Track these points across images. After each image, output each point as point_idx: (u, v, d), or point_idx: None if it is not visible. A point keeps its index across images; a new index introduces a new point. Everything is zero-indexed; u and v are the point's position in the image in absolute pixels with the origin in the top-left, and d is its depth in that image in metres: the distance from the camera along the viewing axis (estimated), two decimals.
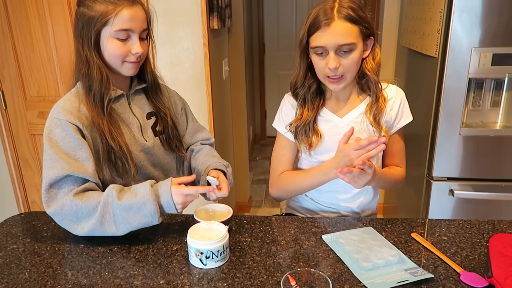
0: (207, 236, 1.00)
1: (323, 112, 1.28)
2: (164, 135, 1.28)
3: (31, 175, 2.39)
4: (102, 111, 1.13)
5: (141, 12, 1.12)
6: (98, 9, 1.07)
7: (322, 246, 1.06)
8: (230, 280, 0.92)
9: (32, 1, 2.06)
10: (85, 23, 1.09)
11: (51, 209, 1.06)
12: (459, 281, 0.90)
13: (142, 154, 1.22)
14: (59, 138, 1.08)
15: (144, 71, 1.24)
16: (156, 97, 1.28)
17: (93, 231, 1.05)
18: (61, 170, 1.05)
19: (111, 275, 0.95)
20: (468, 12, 1.77)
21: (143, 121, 1.25)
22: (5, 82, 2.21)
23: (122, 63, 1.14)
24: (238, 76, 2.94)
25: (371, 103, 1.24)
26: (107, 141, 1.12)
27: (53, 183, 1.06)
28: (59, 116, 1.10)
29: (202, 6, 2.00)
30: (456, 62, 1.84)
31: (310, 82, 1.25)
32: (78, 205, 1.05)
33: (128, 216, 1.04)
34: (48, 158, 1.08)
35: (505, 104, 1.95)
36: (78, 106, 1.12)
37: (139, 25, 1.11)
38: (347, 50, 1.13)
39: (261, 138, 4.88)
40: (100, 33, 1.10)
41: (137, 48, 1.12)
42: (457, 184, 2.01)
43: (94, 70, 1.11)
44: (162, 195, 1.05)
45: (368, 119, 1.24)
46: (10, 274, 0.97)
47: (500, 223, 1.16)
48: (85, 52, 1.11)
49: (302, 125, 1.26)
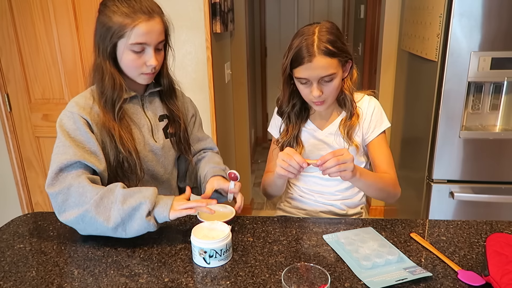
0: (211, 235, 1.02)
1: (307, 124, 1.39)
2: (176, 137, 1.31)
3: (35, 177, 2.42)
4: (113, 116, 1.16)
5: (158, 26, 1.13)
6: (116, 20, 1.09)
7: (323, 246, 1.08)
8: (233, 278, 0.94)
9: (38, 5, 2.09)
10: (102, 33, 1.12)
11: (56, 188, 1.05)
12: (457, 279, 0.92)
13: (150, 154, 1.25)
14: (70, 129, 1.11)
15: (160, 74, 1.26)
16: (170, 101, 1.30)
17: (86, 213, 1.02)
18: (74, 156, 1.07)
19: (117, 273, 0.97)
20: (467, 16, 1.79)
21: (155, 122, 1.27)
22: (10, 84, 2.24)
23: (138, 74, 1.17)
24: (240, 79, 2.96)
25: (345, 119, 1.32)
26: (116, 146, 1.15)
27: (63, 168, 1.07)
28: (71, 110, 1.13)
29: (205, 10, 2.03)
30: (456, 65, 1.86)
31: (294, 102, 1.34)
32: (85, 187, 1.04)
33: (125, 197, 1.03)
34: (61, 145, 1.10)
35: (504, 107, 1.97)
36: (92, 104, 1.16)
37: (155, 39, 1.13)
38: (328, 80, 1.21)
39: (262, 141, 4.90)
40: (116, 44, 1.12)
41: (152, 61, 1.14)
42: (457, 187, 2.02)
43: (106, 78, 1.14)
44: (163, 196, 1.08)
45: (341, 133, 1.33)
46: (17, 272, 0.99)
47: (498, 223, 1.18)
48: (100, 60, 1.14)
49: (288, 140, 1.36)
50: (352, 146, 1.32)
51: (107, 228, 1.04)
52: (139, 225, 1.04)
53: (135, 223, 1.04)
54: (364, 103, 1.34)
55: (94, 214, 1.03)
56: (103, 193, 1.04)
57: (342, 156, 1.06)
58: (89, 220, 1.03)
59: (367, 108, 1.33)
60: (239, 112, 3.02)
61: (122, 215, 1.03)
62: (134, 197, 1.04)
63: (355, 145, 1.32)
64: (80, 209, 1.03)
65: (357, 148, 1.33)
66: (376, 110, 1.33)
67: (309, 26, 1.22)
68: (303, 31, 1.21)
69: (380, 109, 1.35)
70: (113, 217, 1.03)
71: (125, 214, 1.03)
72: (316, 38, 1.17)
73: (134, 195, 1.05)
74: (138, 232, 1.05)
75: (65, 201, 1.05)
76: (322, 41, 1.17)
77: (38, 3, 2.09)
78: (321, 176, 1.38)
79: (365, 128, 1.33)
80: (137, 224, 1.04)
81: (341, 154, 1.07)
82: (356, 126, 1.32)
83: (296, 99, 1.33)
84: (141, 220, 1.03)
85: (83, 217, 1.03)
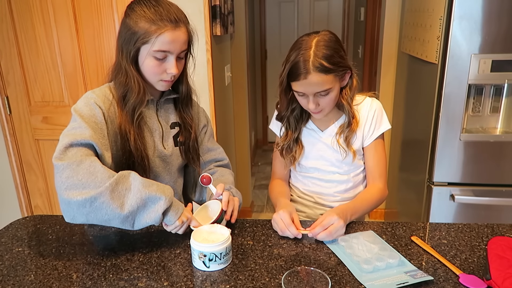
0: (210, 238, 1.02)
1: (308, 125, 1.39)
2: (184, 146, 1.30)
3: (34, 180, 2.41)
4: (131, 119, 1.15)
5: (183, 36, 1.12)
6: (142, 26, 1.09)
7: (323, 249, 1.07)
8: (232, 282, 0.94)
9: (38, 8, 2.09)
10: (127, 36, 1.11)
11: (64, 161, 0.98)
12: (458, 283, 0.91)
13: (157, 160, 1.24)
14: (86, 114, 1.08)
15: (179, 81, 1.25)
16: (185, 109, 1.30)
17: (98, 197, 0.95)
18: (90, 138, 1.03)
19: (116, 277, 0.97)
20: (467, 19, 1.79)
21: (166, 129, 1.27)
22: (10, 87, 2.24)
23: (158, 81, 1.17)
24: (240, 82, 2.96)
25: (343, 127, 1.32)
26: (130, 150, 1.15)
27: (75, 144, 1.01)
28: (90, 96, 1.12)
29: (205, 13, 2.03)
30: (456, 68, 1.86)
31: (294, 107, 1.34)
32: (96, 167, 0.99)
33: (144, 185, 1.00)
34: (77, 126, 1.05)
35: (505, 109, 1.97)
36: (111, 99, 1.15)
37: (178, 48, 1.12)
38: (324, 94, 1.21)
39: (263, 144, 4.89)
40: (140, 49, 1.12)
41: (173, 69, 1.13)
42: (458, 189, 2.02)
43: (132, 81, 1.14)
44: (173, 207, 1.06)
45: (338, 141, 1.33)
46: (16, 276, 0.98)
47: (499, 226, 1.17)
48: (124, 63, 1.14)
49: (287, 144, 1.37)
50: (350, 153, 1.33)
51: (118, 215, 0.97)
52: (150, 218, 1.00)
53: (147, 216, 1.00)
54: (366, 105, 1.34)
55: (108, 199, 0.96)
56: (118, 178, 0.99)
57: (333, 226, 1.08)
58: (99, 205, 0.96)
59: (368, 111, 1.33)
60: (239, 115, 3.02)
61: (139, 203, 0.99)
62: (152, 188, 1.01)
63: (352, 152, 1.33)
64: (90, 191, 0.95)
65: (354, 156, 1.34)
66: (377, 112, 1.33)
67: (307, 38, 1.20)
68: (300, 44, 1.19)
69: (381, 111, 1.34)
70: (128, 205, 0.98)
71: (142, 203, 0.99)
72: (312, 53, 1.16)
73: (153, 186, 1.01)
74: (145, 225, 1.02)
75: (71, 177, 0.96)
76: (317, 57, 1.15)
77: (38, 5, 2.09)
78: (320, 177, 1.39)
79: (366, 131, 1.33)
80: (149, 218, 1.00)
81: (331, 223, 1.09)
82: (354, 133, 1.32)
83: (295, 104, 1.32)
84: (155, 214, 1.00)
85: (92, 201, 0.95)
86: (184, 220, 1.07)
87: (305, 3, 4.54)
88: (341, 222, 1.09)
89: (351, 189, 1.39)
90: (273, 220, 1.17)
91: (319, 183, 1.40)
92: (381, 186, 1.35)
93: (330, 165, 1.37)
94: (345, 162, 1.35)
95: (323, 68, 1.16)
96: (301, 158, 1.40)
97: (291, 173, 1.49)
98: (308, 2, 4.53)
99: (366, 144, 1.35)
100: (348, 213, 1.17)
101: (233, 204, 1.18)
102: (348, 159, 1.34)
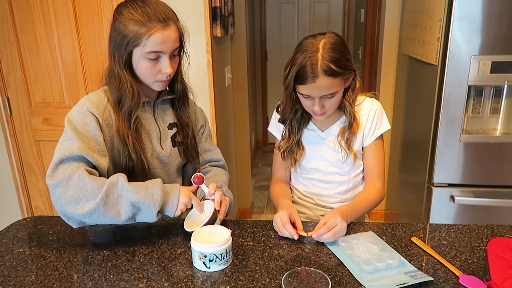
0: (211, 239, 1.02)
1: (308, 125, 1.39)
2: (183, 145, 1.31)
3: (35, 181, 2.42)
4: (128, 124, 1.16)
5: (174, 34, 1.12)
6: (131, 29, 1.08)
7: (324, 250, 1.07)
8: (233, 283, 0.94)
9: (38, 9, 2.10)
10: (118, 41, 1.11)
11: (55, 180, 1.02)
12: (458, 284, 0.92)
13: (156, 161, 1.25)
14: (78, 124, 1.10)
15: (174, 80, 1.25)
16: (182, 108, 1.30)
17: (94, 211, 1.01)
18: (78, 150, 1.05)
19: (116, 278, 0.97)
20: (467, 20, 1.80)
21: (164, 130, 1.27)
22: (10, 88, 2.24)
23: (153, 82, 1.17)
24: (240, 83, 2.96)
25: (344, 129, 1.33)
26: (129, 154, 1.16)
27: (64, 159, 1.05)
28: (83, 103, 1.13)
29: (206, 14, 2.03)
30: (456, 69, 1.86)
31: (297, 108, 1.34)
32: (84, 181, 1.02)
33: (133, 193, 1.04)
34: (67, 138, 1.08)
35: (505, 111, 1.97)
36: (106, 103, 1.16)
37: (170, 46, 1.12)
38: (330, 97, 1.22)
39: (263, 145, 4.90)
40: (132, 52, 1.12)
41: (167, 69, 1.13)
42: (458, 190, 2.02)
43: (124, 86, 1.14)
44: (170, 191, 1.09)
45: (339, 143, 1.33)
46: (17, 276, 0.98)
47: (499, 227, 1.18)
48: (117, 68, 1.14)
49: (289, 146, 1.37)
50: (351, 155, 1.33)
51: (118, 221, 1.05)
52: (149, 219, 1.08)
53: (145, 218, 1.07)
54: (366, 106, 1.34)
55: (103, 212, 1.02)
56: (107, 189, 1.03)
57: (337, 228, 1.09)
58: (97, 217, 1.03)
59: (368, 112, 1.33)
60: (239, 116, 3.02)
61: (133, 210, 1.05)
62: (140, 195, 1.04)
63: (353, 154, 1.33)
64: (84, 206, 1.01)
65: (355, 158, 1.34)
66: (377, 112, 1.33)
67: (313, 40, 1.19)
68: (307, 47, 1.18)
69: (382, 112, 1.35)
70: (123, 212, 1.04)
71: (136, 209, 1.05)
72: (320, 56, 1.15)
73: (140, 192, 1.04)
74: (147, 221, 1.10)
75: (63, 194, 1.02)
76: (325, 60, 1.15)
77: (39, 7, 2.09)
78: (320, 178, 1.39)
79: (366, 131, 1.34)
80: (147, 219, 1.08)
81: (335, 225, 1.09)
82: (355, 135, 1.32)
83: (298, 105, 1.32)
84: (151, 216, 1.07)
85: (89, 215, 1.02)
86: (182, 209, 1.09)
87: (305, 4, 4.55)
88: (344, 223, 1.10)
89: (351, 190, 1.40)
90: (273, 221, 1.18)
91: (319, 185, 1.40)
92: (380, 186, 1.36)
93: (331, 165, 1.37)
94: (345, 163, 1.35)
95: (331, 72, 1.15)
96: (302, 159, 1.40)
97: (292, 175, 1.50)
98: (308, 3, 4.54)
99: (366, 144, 1.35)
100: (348, 214, 1.17)
101: (225, 203, 1.19)
102: (349, 161, 1.35)
